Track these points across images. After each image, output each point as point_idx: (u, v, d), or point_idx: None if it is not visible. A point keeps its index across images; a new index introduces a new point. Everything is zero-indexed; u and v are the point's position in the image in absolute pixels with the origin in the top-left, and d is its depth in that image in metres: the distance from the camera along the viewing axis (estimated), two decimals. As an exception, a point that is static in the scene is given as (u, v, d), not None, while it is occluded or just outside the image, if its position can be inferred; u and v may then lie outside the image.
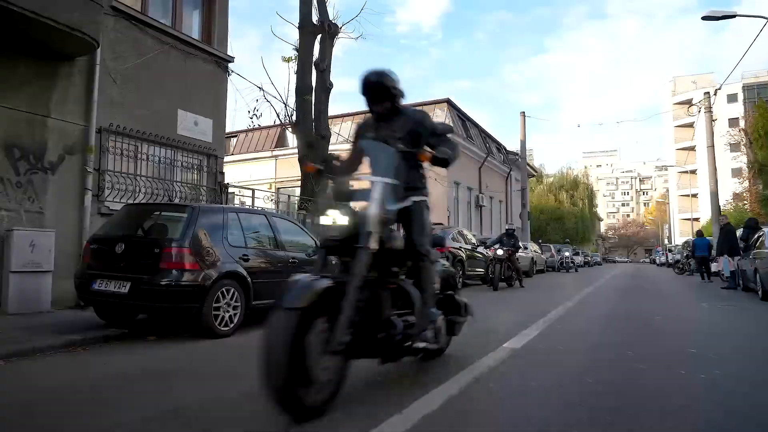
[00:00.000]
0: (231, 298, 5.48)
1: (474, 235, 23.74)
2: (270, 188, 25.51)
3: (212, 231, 5.52)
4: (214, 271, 5.31)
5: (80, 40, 7.11)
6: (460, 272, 12.61)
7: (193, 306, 5.11)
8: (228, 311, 5.45)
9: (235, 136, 28.40)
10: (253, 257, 5.89)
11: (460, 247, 13.00)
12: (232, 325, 5.49)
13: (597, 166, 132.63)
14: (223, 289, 5.40)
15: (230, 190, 11.23)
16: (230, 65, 10.78)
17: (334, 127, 24.92)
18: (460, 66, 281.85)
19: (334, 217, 2.80)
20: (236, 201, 11.64)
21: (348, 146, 10.31)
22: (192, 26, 10.31)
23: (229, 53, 10.67)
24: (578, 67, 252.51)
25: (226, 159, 29.58)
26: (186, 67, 9.68)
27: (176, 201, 9.02)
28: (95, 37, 7.32)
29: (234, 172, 27.44)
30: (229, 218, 5.83)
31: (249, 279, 5.70)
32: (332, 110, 15.18)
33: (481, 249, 14.59)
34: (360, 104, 3.43)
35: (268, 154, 26.19)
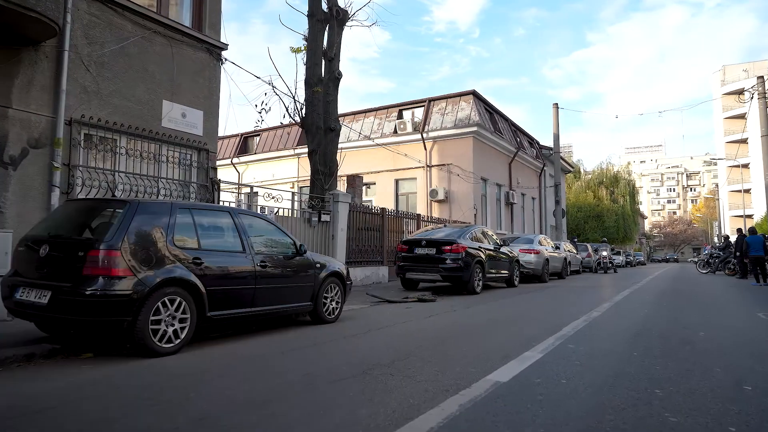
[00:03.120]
0: (176, 309, 4.65)
1: (504, 234, 22.47)
2: (292, 187, 24.91)
3: (155, 230, 4.70)
4: (153, 277, 4.48)
5: (37, 21, 6.45)
6: (480, 274, 11.54)
7: (124, 320, 4.29)
8: (172, 324, 4.62)
9: (258, 135, 28.00)
10: (209, 261, 5.04)
11: (480, 247, 11.88)
12: (177, 340, 4.65)
13: (641, 161, 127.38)
14: (166, 298, 4.57)
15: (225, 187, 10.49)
16: (224, 53, 10.04)
17: (355, 124, 24.12)
18: (499, 63, 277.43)
19: None
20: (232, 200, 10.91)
21: (367, 142, 16.76)
22: (182, 11, 9.60)
23: (222, 40, 9.93)
24: (621, 61, 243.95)
25: (248, 159, 29.41)
26: (172, 54, 8.97)
27: (161, 199, 8.32)
28: (54, 18, 6.66)
29: (256, 172, 27.10)
30: (179, 216, 4.99)
31: (202, 286, 4.86)
32: (355, 106, 14.43)
33: (504, 249, 13.43)
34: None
35: (291, 152, 25.57)
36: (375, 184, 22.82)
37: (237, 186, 11.62)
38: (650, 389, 3.18)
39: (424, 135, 21.58)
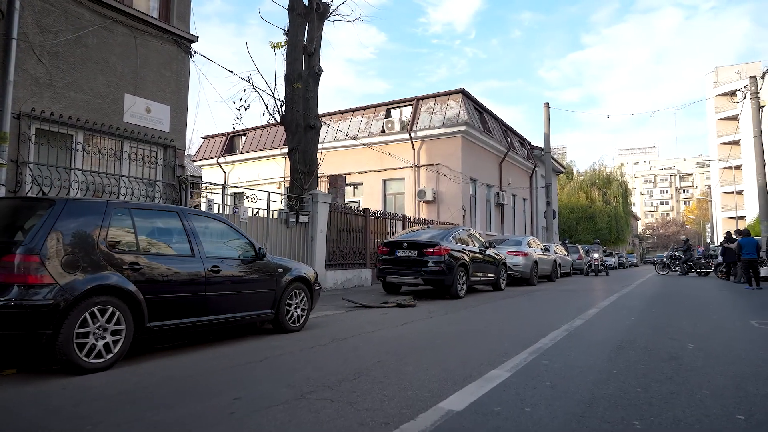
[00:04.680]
0: (108, 320, 4.17)
1: (494, 236, 22.04)
2: (279, 187, 24.39)
3: (84, 232, 4.22)
4: (80, 284, 4.00)
5: (-24, 5, 5.97)
6: (464, 277, 11.10)
7: (43, 333, 3.81)
8: (103, 337, 4.14)
9: (244, 135, 27.47)
10: (149, 266, 4.57)
11: (464, 249, 11.44)
12: (110, 355, 4.17)
13: (634, 163, 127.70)
14: (95, 308, 4.09)
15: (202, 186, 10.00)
16: (194, 45, 9.55)
17: (343, 123, 23.64)
18: (496, 64, 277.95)
19: None
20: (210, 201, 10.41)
21: (352, 142, 17.43)
22: (147, 0, 9.10)
23: (192, 32, 9.45)
24: (618, 63, 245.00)
25: (234, 158, 28.82)
26: (136, 45, 8.49)
27: (122, 198, 7.84)
28: (-4, 2, 6.17)
29: (243, 172, 26.59)
30: (115, 216, 4.52)
31: (140, 294, 4.39)
32: (345, 105, 13.89)
33: (491, 251, 12.98)
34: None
35: (277, 152, 25.04)
36: (362, 184, 22.37)
37: (206, 186, 11.13)
38: (627, 420, 2.74)
39: (412, 134, 21.15)
